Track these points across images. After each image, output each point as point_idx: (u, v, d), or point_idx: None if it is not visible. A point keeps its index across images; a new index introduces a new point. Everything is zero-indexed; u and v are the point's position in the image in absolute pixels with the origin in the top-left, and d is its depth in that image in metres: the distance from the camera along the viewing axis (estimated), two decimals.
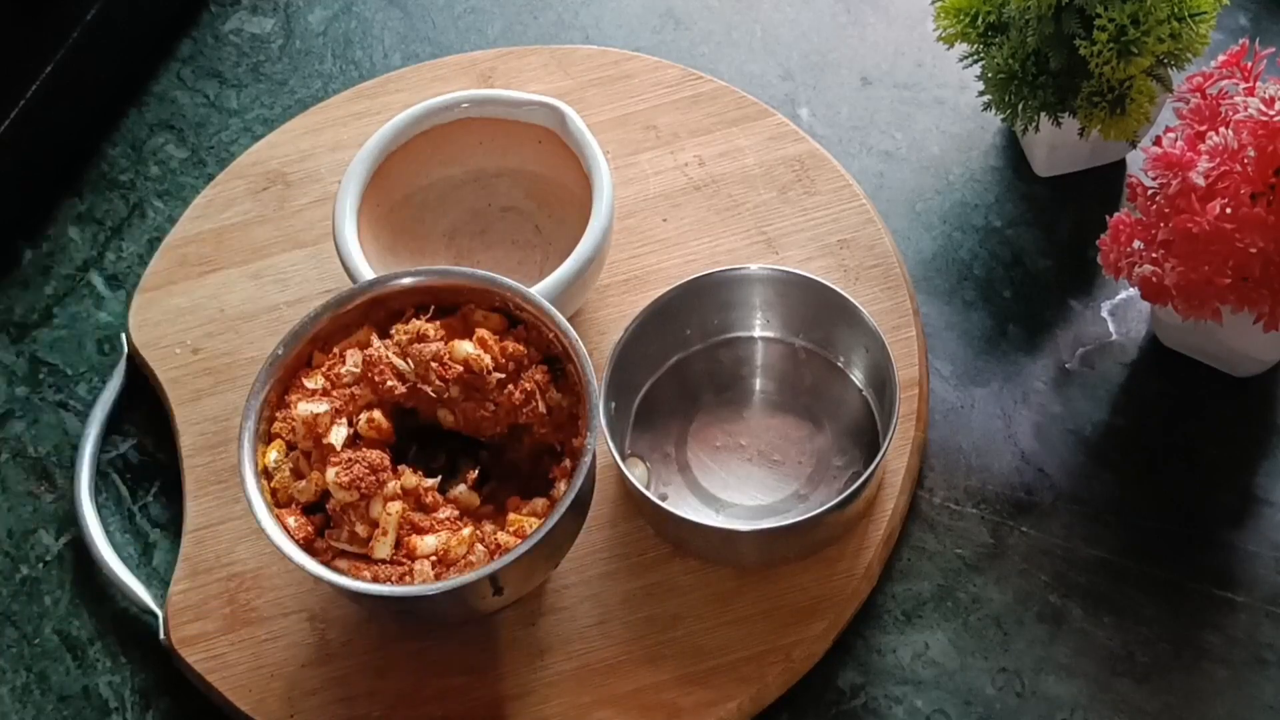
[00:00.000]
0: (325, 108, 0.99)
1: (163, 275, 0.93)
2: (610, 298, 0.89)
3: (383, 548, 0.72)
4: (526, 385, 0.75)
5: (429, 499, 0.74)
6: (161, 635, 0.82)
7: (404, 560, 0.72)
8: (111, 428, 0.90)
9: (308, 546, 0.73)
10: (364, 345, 0.76)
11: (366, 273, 0.82)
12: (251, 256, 0.93)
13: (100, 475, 0.89)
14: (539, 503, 0.75)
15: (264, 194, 0.96)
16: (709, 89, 0.97)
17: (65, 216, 0.99)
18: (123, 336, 0.92)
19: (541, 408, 0.76)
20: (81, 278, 0.97)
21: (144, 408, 0.91)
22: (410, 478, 0.74)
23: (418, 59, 1.03)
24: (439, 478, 0.75)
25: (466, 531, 0.73)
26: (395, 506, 0.73)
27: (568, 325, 0.75)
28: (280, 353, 0.75)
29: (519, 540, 0.72)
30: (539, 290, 0.79)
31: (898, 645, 0.80)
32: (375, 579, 0.71)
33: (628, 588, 0.80)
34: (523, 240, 0.91)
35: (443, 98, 0.88)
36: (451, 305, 0.78)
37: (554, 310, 0.76)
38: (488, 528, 0.74)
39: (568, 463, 0.75)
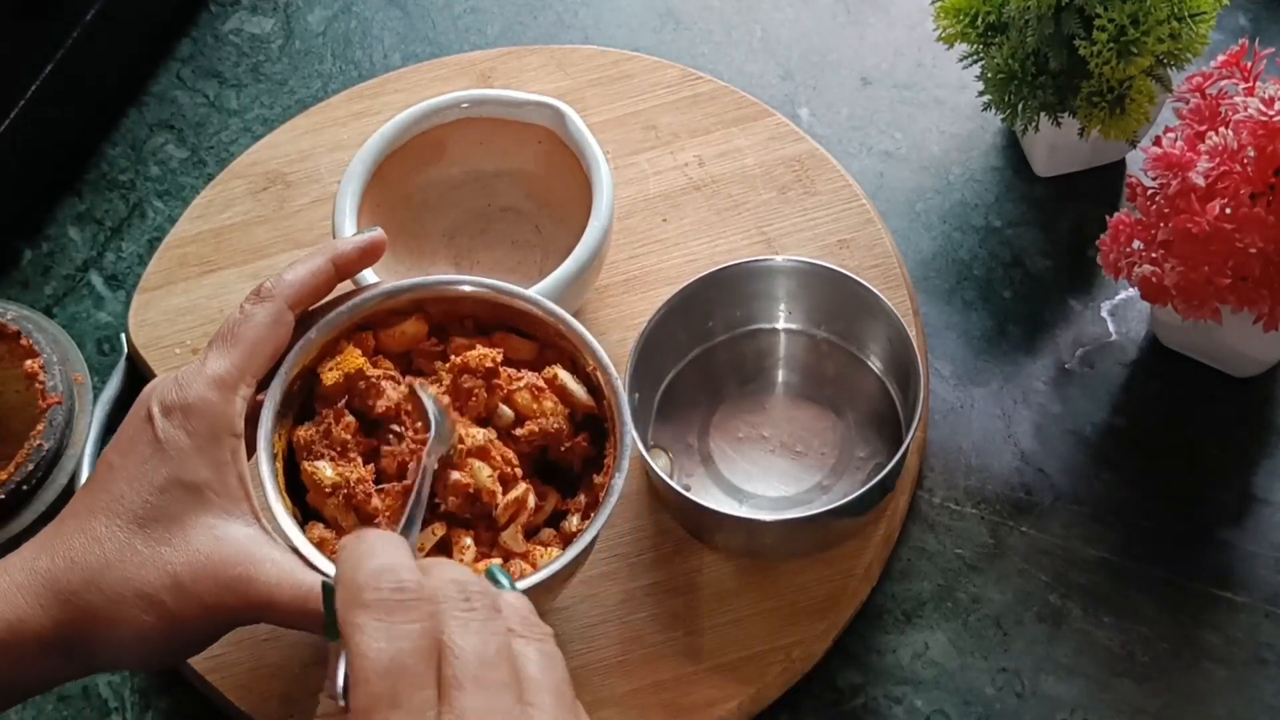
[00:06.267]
0: (325, 108, 0.99)
1: (162, 275, 0.93)
2: (610, 298, 0.89)
3: None
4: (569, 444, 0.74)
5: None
6: None
7: None
8: (111, 428, 0.90)
9: (320, 545, 0.70)
10: (417, 340, 0.75)
11: (367, 274, 0.82)
12: (251, 257, 0.93)
13: None
14: (547, 533, 0.73)
15: (264, 194, 0.96)
16: (709, 89, 0.97)
17: (65, 216, 0.99)
18: (122, 336, 0.92)
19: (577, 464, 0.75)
20: (81, 278, 0.97)
21: None
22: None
23: (417, 59, 1.03)
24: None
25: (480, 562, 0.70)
26: (439, 529, 0.71)
27: (619, 384, 0.73)
28: (313, 336, 0.74)
29: (531, 568, 0.70)
30: (539, 290, 0.78)
31: (897, 645, 0.80)
32: None
33: (628, 587, 0.80)
34: (523, 240, 0.90)
35: (442, 98, 0.88)
36: (493, 325, 0.76)
37: (611, 368, 0.73)
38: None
39: (582, 497, 0.73)
